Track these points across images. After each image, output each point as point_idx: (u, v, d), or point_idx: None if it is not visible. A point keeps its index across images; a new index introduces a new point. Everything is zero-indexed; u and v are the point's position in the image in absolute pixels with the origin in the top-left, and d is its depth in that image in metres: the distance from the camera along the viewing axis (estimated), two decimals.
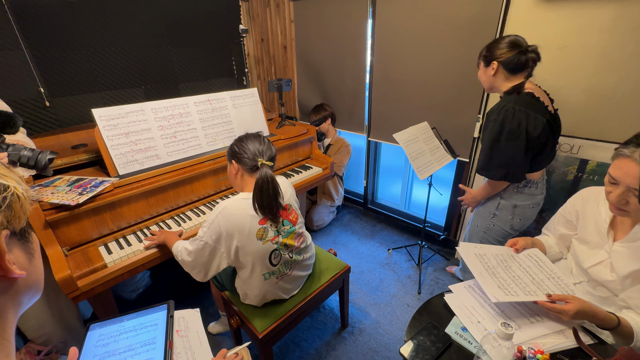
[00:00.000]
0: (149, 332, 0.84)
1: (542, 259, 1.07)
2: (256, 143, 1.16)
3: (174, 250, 1.23)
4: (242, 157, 1.14)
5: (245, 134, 1.20)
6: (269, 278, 1.22)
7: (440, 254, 2.35)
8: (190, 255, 1.15)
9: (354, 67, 2.45)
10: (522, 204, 1.40)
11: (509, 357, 0.71)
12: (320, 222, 2.67)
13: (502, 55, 1.27)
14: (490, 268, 1.01)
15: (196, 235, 1.14)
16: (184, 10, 2.29)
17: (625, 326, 0.85)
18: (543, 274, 1.00)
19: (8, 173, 0.40)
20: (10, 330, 0.42)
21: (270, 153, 1.17)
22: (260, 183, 1.08)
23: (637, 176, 0.78)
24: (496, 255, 1.08)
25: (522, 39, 1.27)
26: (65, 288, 1.11)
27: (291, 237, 1.24)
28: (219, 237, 1.09)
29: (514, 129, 1.24)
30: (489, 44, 1.33)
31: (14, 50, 1.66)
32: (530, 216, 1.43)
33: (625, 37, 1.34)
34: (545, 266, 1.04)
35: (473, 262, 1.03)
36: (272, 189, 1.10)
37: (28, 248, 0.45)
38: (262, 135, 1.21)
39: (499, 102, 1.30)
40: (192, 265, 1.17)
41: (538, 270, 1.02)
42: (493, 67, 1.31)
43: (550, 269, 1.02)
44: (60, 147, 1.59)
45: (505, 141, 1.27)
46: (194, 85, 2.52)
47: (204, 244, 1.11)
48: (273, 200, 1.12)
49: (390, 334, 1.75)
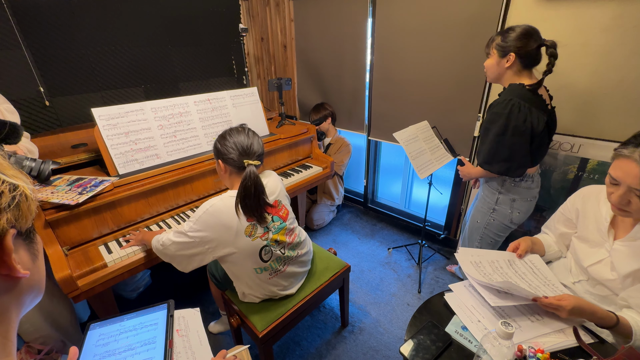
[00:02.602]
0: (149, 332, 0.84)
1: (537, 266, 1.07)
2: (241, 140, 1.11)
3: (155, 241, 1.18)
4: (227, 157, 1.11)
5: (229, 130, 1.15)
6: (260, 273, 1.22)
7: (441, 253, 2.35)
8: (173, 247, 1.12)
9: (354, 66, 2.45)
10: (520, 198, 1.41)
11: (509, 356, 0.71)
12: (320, 221, 2.67)
13: (522, 48, 1.21)
14: (487, 275, 1.00)
15: (182, 228, 1.11)
16: (184, 10, 2.29)
17: (624, 325, 0.85)
18: (538, 280, 1.00)
19: (17, 174, 0.41)
20: (13, 331, 0.43)
21: (258, 149, 1.14)
22: (244, 184, 1.06)
23: (638, 176, 0.78)
24: (492, 262, 1.06)
25: (538, 31, 1.21)
26: (65, 288, 1.11)
27: (282, 233, 1.23)
28: (204, 234, 1.08)
29: (519, 124, 1.22)
30: (504, 33, 1.26)
31: (13, 50, 1.66)
32: (528, 209, 1.44)
33: (626, 35, 1.34)
34: (540, 273, 1.04)
35: (469, 269, 1.03)
36: (254, 190, 1.07)
37: (32, 249, 0.45)
38: (247, 129, 1.16)
39: (503, 95, 1.27)
40: (173, 257, 1.15)
41: (533, 277, 1.01)
42: (509, 59, 1.25)
43: (545, 276, 1.02)
44: (60, 146, 1.59)
45: (510, 136, 1.25)
46: (194, 85, 2.51)
47: (188, 239, 1.09)
48: (255, 201, 1.09)
49: (391, 333, 1.75)
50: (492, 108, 1.30)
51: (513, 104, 1.22)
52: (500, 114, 1.25)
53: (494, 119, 1.28)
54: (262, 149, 1.17)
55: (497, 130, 1.27)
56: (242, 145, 1.11)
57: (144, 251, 1.33)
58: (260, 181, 1.10)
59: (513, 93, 1.24)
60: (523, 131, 1.23)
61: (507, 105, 1.23)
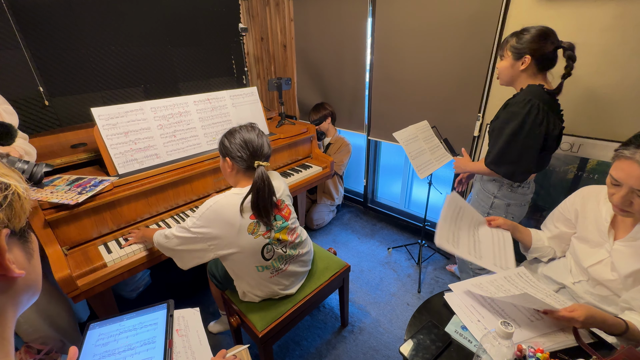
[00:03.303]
0: (148, 332, 0.84)
1: (504, 238, 1.11)
2: (252, 140, 1.11)
3: (157, 236, 1.18)
4: (236, 155, 1.10)
5: (238, 128, 1.14)
6: (262, 271, 1.22)
7: (440, 252, 2.35)
8: (175, 241, 1.12)
9: (353, 66, 2.45)
10: (515, 203, 1.40)
11: (509, 356, 0.71)
12: (320, 221, 2.67)
13: (538, 50, 1.16)
14: (459, 220, 1.09)
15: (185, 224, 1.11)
16: (184, 9, 2.29)
17: (633, 330, 0.84)
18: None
19: (9, 172, 0.41)
20: (10, 330, 0.42)
21: (268, 150, 1.15)
22: (256, 186, 1.07)
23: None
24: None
25: (555, 33, 1.17)
26: (65, 287, 1.11)
27: (284, 232, 1.23)
28: (207, 230, 1.08)
29: (535, 128, 1.17)
30: (519, 34, 1.21)
31: (13, 50, 1.66)
32: (521, 214, 1.45)
33: (627, 35, 1.34)
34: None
35: (449, 208, 1.11)
36: (267, 191, 1.09)
37: (27, 248, 0.45)
38: (256, 128, 1.15)
39: (522, 95, 1.21)
40: (174, 251, 1.15)
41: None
42: (524, 62, 1.20)
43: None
44: (60, 146, 1.59)
45: (524, 137, 1.20)
46: (194, 85, 2.51)
47: (190, 234, 1.09)
48: (268, 202, 1.11)
49: (390, 333, 1.75)
50: (510, 107, 1.23)
51: (532, 104, 1.16)
52: (517, 114, 1.19)
53: (510, 118, 1.22)
54: (271, 149, 1.17)
55: (512, 130, 1.21)
56: (252, 145, 1.11)
57: (144, 251, 1.33)
58: (271, 182, 1.11)
59: (533, 93, 1.19)
60: (537, 134, 1.18)
61: (526, 105, 1.17)
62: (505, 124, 1.24)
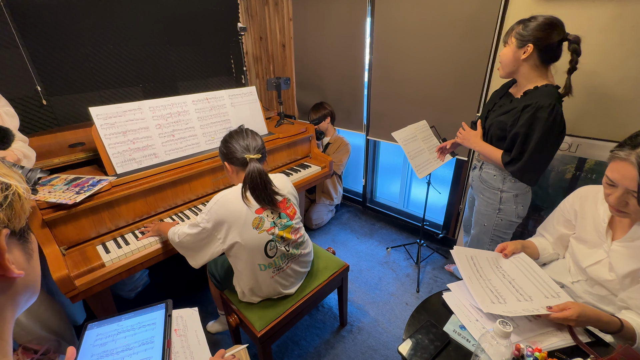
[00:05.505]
0: (147, 332, 0.83)
1: (529, 264, 1.07)
2: (240, 139, 1.19)
3: (171, 234, 1.24)
4: (232, 157, 1.19)
5: (229, 133, 1.23)
6: (264, 270, 1.23)
7: (439, 252, 2.35)
8: (187, 238, 1.18)
9: (352, 66, 2.45)
10: (520, 192, 1.40)
11: (507, 355, 0.71)
12: (319, 220, 2.67)
13: (542, 40, 1.11)
14: (481, 270, 1.02)
15: (195, 220, 1.17)
16: (182, 9, 2.28)
17: (628, 328, 0.84)
18: (531, 282, 0.99)
19: (10, 172, 0.41)
20: (8, 331, 0.42)
21: (256, 144, 1.20)
22: (250, 177, 1.13)
23: (635, 178, 0.78)
24: (488, 259, 1.08)
25: (563, 24, 1.12)
26: (63, 287, 1.10)
27: (288, 231, 1.25)
28: (215, 223, 1.13)
29: (561, 136, 1.16)
30: (526, 21, 1.16)
31: (11, 49, 1.65)
32: (528, 201, 1.44)
33: (625, 35, 1.34)
34: (534, 271, 1.03)
35: (464, 266, 1.03)
36: (261, 181, 1.14)
37: (27, 248, 0.45)
38: (244, 129, 1.24)
39: (545, 99, 1.14)
40: (188, 248, 1.21)
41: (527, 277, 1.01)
42: (526, 51, 1.15)
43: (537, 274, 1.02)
44: (58, 145, 1.58)
45: (551, 145, 1.18)
46: (193, 84, 2.51)
47: (201, 229, 1.14)
48: (263, 189, 1.16)
49: (389, 332, 1.75)
50: (536, 112, 1.15)
51: (557, 111, 1.12)
52: (545, 120, 1.13)
53: (539, 125, 1.15)
54: (262, 143, 1.23)
55: (540, 138, 1.16)
56: (242, 143, 1.19)
57: (144, 250, 1.33)
58: (264, 171, 1.16)
59: (554, 97, 1.14)
60: (560, 141, 1.17)
61: (552, 111, 1.12)
62: (532, 130, 1.18)
